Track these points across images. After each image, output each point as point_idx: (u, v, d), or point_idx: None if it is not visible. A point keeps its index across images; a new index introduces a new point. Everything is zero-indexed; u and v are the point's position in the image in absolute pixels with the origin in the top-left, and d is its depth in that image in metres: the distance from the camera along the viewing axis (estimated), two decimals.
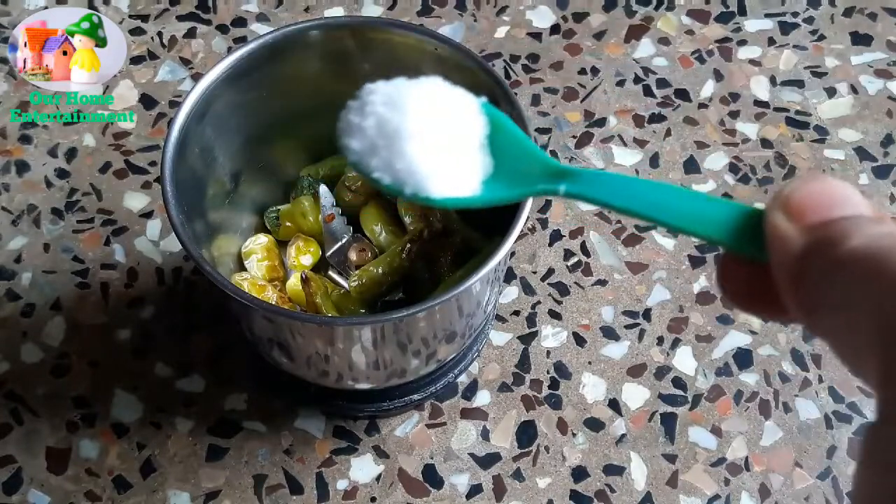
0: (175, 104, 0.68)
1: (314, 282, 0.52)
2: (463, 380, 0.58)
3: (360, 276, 0.52)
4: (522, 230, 0.46)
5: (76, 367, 0.58)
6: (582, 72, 0.70)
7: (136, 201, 0.64)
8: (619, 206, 0.27)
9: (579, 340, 0.59)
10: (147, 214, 0.63)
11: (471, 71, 0.50)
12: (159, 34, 0.71)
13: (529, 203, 0.44)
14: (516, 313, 0.60)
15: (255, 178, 0.56)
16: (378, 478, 0.55)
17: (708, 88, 0.70)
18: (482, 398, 0.57)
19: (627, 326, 0.60)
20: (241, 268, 0.55)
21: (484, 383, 0.58)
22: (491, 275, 0.46)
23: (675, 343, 0.59)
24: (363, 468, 0.55)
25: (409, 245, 0.52)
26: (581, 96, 0.69)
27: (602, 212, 0.64)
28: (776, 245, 0.23)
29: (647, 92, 0.69)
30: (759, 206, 0.25)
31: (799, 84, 0.70)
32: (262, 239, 0.55)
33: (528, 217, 0.44)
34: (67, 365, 0.58)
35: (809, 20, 0.73)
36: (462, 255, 0.54)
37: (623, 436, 0.56)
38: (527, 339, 0.59)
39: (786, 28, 0.73)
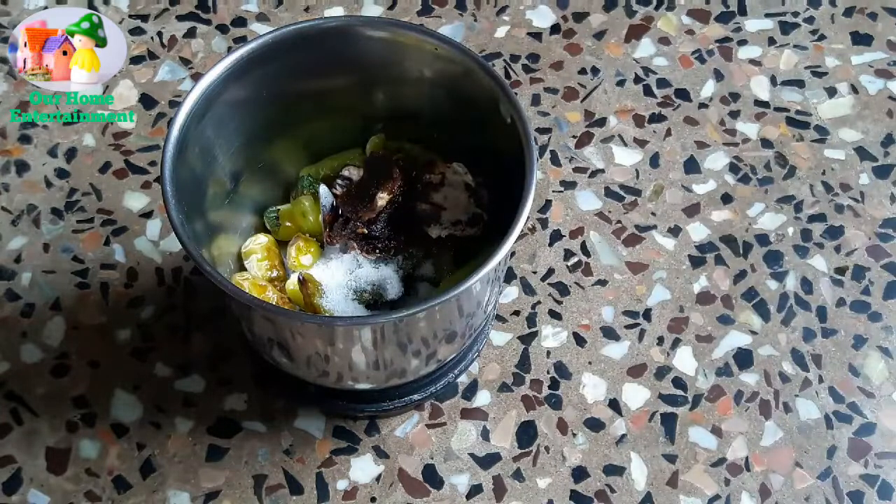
0: (175, 104, 0.68)
1: (311, 283, 0.52)
2: (463, 380, 0.58)
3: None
4: (522, 230, 0.46)
5: (76, 367, 0.58)
6: (582, 72, 0.70)
7: (136, 201, 0.64)
8: None
9: (579, 340, 0.59)
10: (147, 214, 0.63)
11: (471, 71, 0.50)
12: (159, 34, 0.71)
13: (530, 203, 0.44)
14: (516, 313, 0.60)
15: (255, 178, 0.56)
16: (378, 478, 0.55)
17: (708, 88, 0.70)
18: (482, 398, 0.57)
19: (627, 326, 0.60)
20: (241, 268, 0.55)
21: (484, 383, 0.58)
22: (491, 275, 0.46)
23: (676, 343, 0.59)
24: (363, 468, 0.55)
25: None
26: (581, 96, 0.69)
27: (602, 211, 0.64)
28: None
29: (648, 92, 0.69)
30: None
31: (799, 84, 0.70)
32: (262, 239, 0.55)
33: (528, 217, 0.44)
34: (67, 365, 0.58)
35: (810, 20, 0.73)
36: (462, 254, 0.54)
37: (623, 436, 0.56)
38: (527, 339, 0.59)
39: (786, 28, 0.73)
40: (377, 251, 0.53)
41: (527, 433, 0.56)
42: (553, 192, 0.65)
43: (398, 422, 0.57)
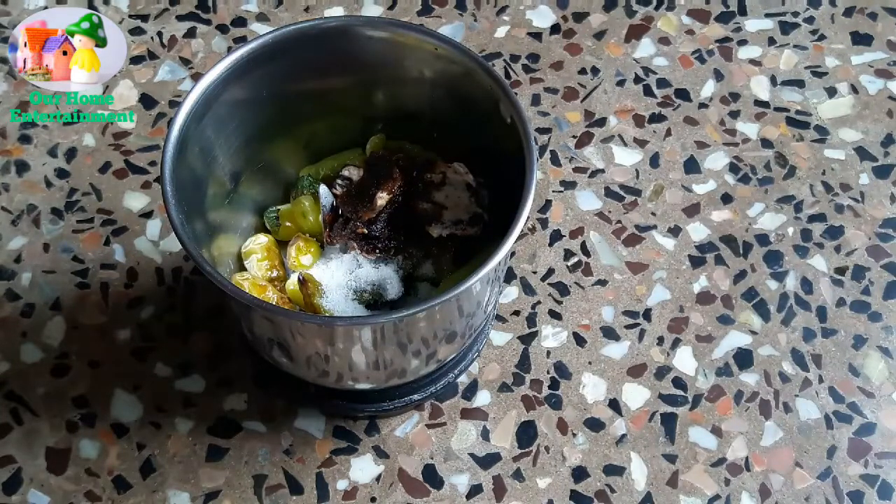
0: (175, 104, 0.68)
1: (311, 283, 0.52)
2: (463, 380, 0.58)
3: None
4: (522, 230, 0.46)
5: (76, 367, 0.58)
6: (582, 72, 0.70)
7: (136, 201, 0.64)
8: None
9: (579, 340, 0.59)
10: (147, 214, 0.63)
11: (471, 71, 0.50)
12: (159, 34, 0.71)
13: (530, 203, 0.44)
14: (516, 313, 0.60)
15: (255, 178, 0.56)
16: (378, 478, 0.55)
17: (708, 88, 0.70)
18: (482, 398, 0.57)
19: (627, 326, 0.60)
20: (241, 268, 0.55)
21: (484, 383, 0.58)
22: (491, 275, 0.46)
23: (676, 343, 0.59)
24: (363, 468, 0.55)
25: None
26: (581, 96, 0.69)
27: (602, 211, 0.64)
28: None
29: (648, 92, 0.69)
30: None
31: (799, 84, 0.70)
32: (262, 239, 0.55)
33: (528, 217, 0.44)
34: (67, 365, 0.58)
35: (810, 20, 0.73)
36: (462, 255, 0.54)
37: (623, 436, 0.56)
38: (527, 339, 0.59)
39: (786, 28, 0.73)
40: (377, 251, 0.53)
41: (527, 433, 0.56)
42: (553, 192, 0.65)
43: (398, 422, 0.57)
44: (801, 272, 0.62)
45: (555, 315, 0.60)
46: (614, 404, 0.57)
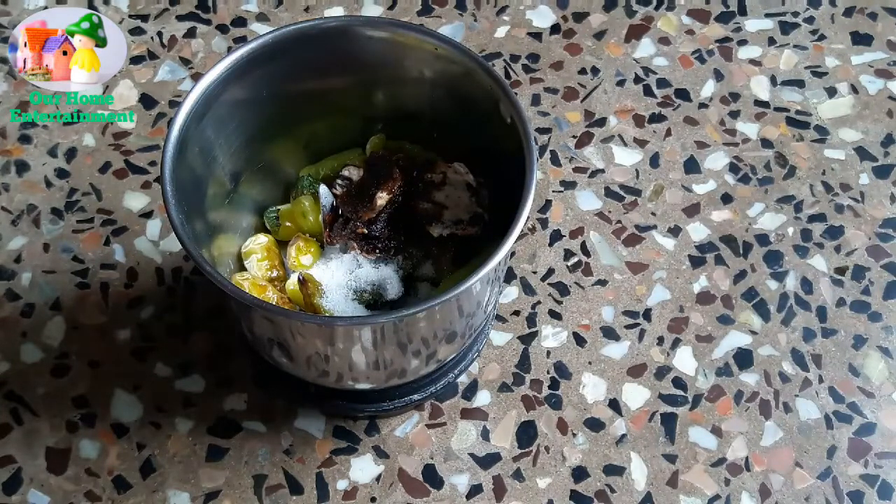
0: (175, 104, 0.68)
1: (311, 283, 0.52)
2: (463, 380, 0.58)
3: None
4: (522, 230, 0.46)
5: (76, 367, 0.58)
6: (582, 72, 0.70)
7: (136, 201, 0.64)
8: None
9: (579, 340, 0.59)
10: (147, 214, 0.63)
11: (471, 71, 0.50)
12: (159, 34, 0.71)
13: (530, 203, 0.44)
14: (516, 313, 0.60)
15: (255, 178, 0.56)
16: (378, 478, 0.55)
17: (708, 88, 0.70)
18: (482, 398, 0.57)
19: (627, 326, 0.60)
20: (241, 268, 0.55)
21: (484, 383, 0.58)
22: (491, 275, 0.46)
23: (676, 343, 0.59)
24: (363, 468, 0.55)
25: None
26: (581, 96, 0.69)
27: (602, 211, 0.64)
28: None
29: (648, 92, 0.69)
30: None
31: (799, 84, 0.70)
32: (262, 239, 0.55)
33: (528, 217, 0.44)
34: (67, 365, 0.58)
35: (810, 20, 0.73)
36: (462, 255, 0.54)
37: (623, 436, 0.56)
38: (527, 339, 0.59)
39: (786, 28, 0.73)
40: (377, 251, 0.53)
41: (527, 433, 0.56)
42: (553, 192, 0.65)
43: (398, 422, 0.57)
44: (801, 272, 0.62)
45: (555, 315, 0.60)
46: (614, 404, 0.57)
